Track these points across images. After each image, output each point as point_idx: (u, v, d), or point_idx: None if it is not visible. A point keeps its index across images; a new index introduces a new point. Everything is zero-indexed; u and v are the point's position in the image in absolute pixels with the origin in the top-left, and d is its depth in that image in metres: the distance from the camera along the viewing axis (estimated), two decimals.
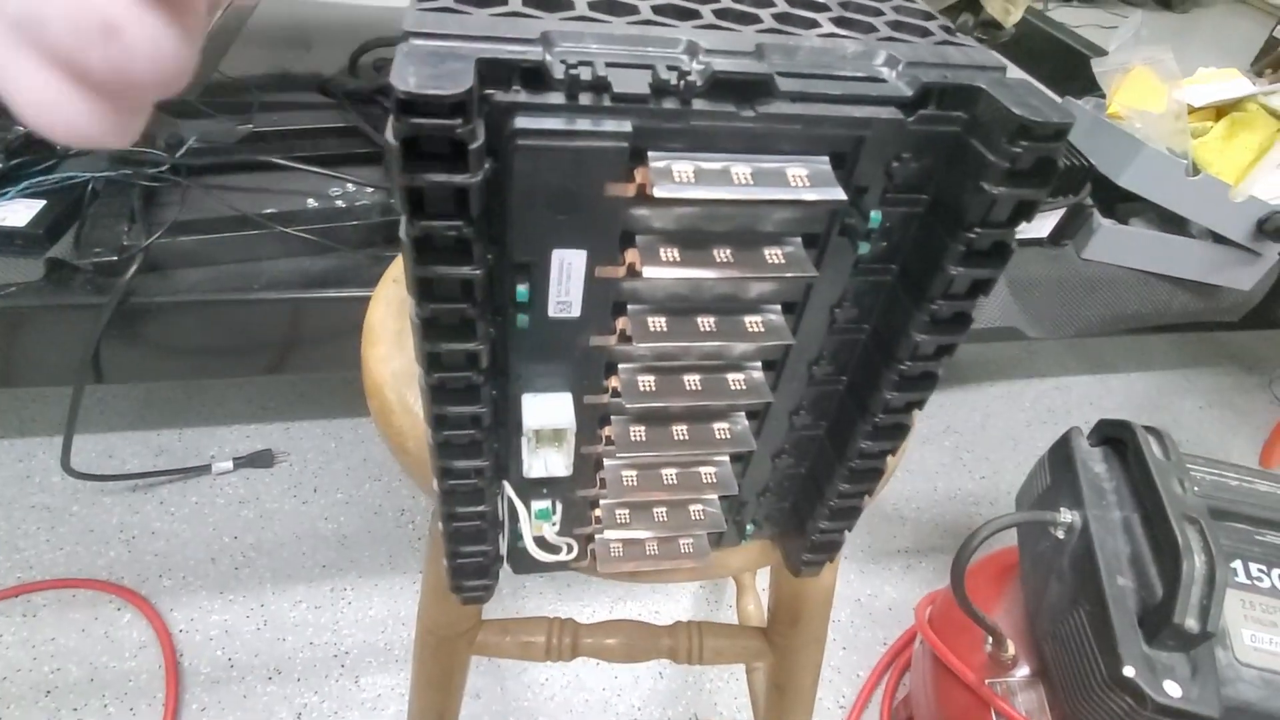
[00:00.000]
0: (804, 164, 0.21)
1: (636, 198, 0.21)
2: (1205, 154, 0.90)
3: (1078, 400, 1.24)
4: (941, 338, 0.25)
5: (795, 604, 0.50)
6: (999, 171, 0.21)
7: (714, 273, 0.23)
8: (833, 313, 0.26)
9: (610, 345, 0.25)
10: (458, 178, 0.19)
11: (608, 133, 0.20)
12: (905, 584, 1.00)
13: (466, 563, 0.31)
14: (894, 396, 0.27)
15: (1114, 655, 0.60)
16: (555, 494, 0.30)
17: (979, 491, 1.11)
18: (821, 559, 0.35)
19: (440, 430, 0.25)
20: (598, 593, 0.96)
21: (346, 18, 1.52)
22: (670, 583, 0.94)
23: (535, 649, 0.53)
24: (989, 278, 0.23)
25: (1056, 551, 0.69)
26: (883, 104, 0.21)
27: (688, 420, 0.29)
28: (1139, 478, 0.67)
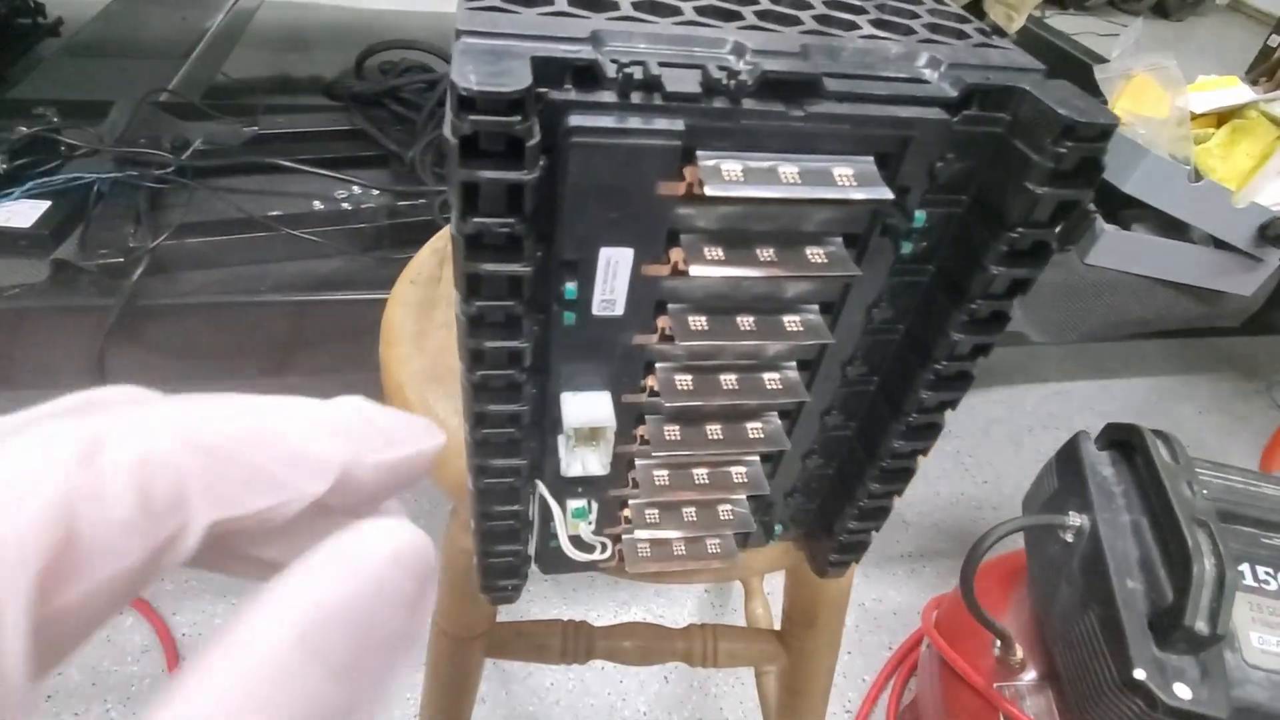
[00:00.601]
0: (849, 163, 0.22)
1: (684, 196, 0.22)
2: (1207, 160, 0.91)
3: (1079, 405, 1.25)
4: (979, 337, 0.25)
5: (812, 607, 0.50)
6: (1044, 171, 0.21)
7: (757, 271, 0.23)
8: (869, 313, 0.26)
9: (651, 344, 0.25)
10: (514, 174, 0.19)
11: (660, 131, 0.20)
12: (909, 588, 1.00)
13: (498, 562, 0.31)
14: (928, 396, 0.27)
15: (1125, 658, 0.60)
16: (589, 494, 0.30)
17: (982, 496, 1.11)
18: (848, 559, 0.35)
19: (479, 428, 0.25)
20: (603, 597, 0.96)
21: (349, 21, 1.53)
22: (694, 583, 0.94)
23: (550, 652, 0.53)
24: (1028, 277, 0.24)
25: (1066, 555, 0.69)
26: (927, 105, 0.22)
27: (722, 419, 0.29)
28: (1148, 481, 0.68)
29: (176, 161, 0.87)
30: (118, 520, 0.10)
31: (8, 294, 0.78)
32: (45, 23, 1.32)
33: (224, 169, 0.91)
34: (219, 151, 0.92)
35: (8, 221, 0.81)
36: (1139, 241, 0.95)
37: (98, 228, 0.81)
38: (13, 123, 0.91)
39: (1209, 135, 0.93)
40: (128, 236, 0.81)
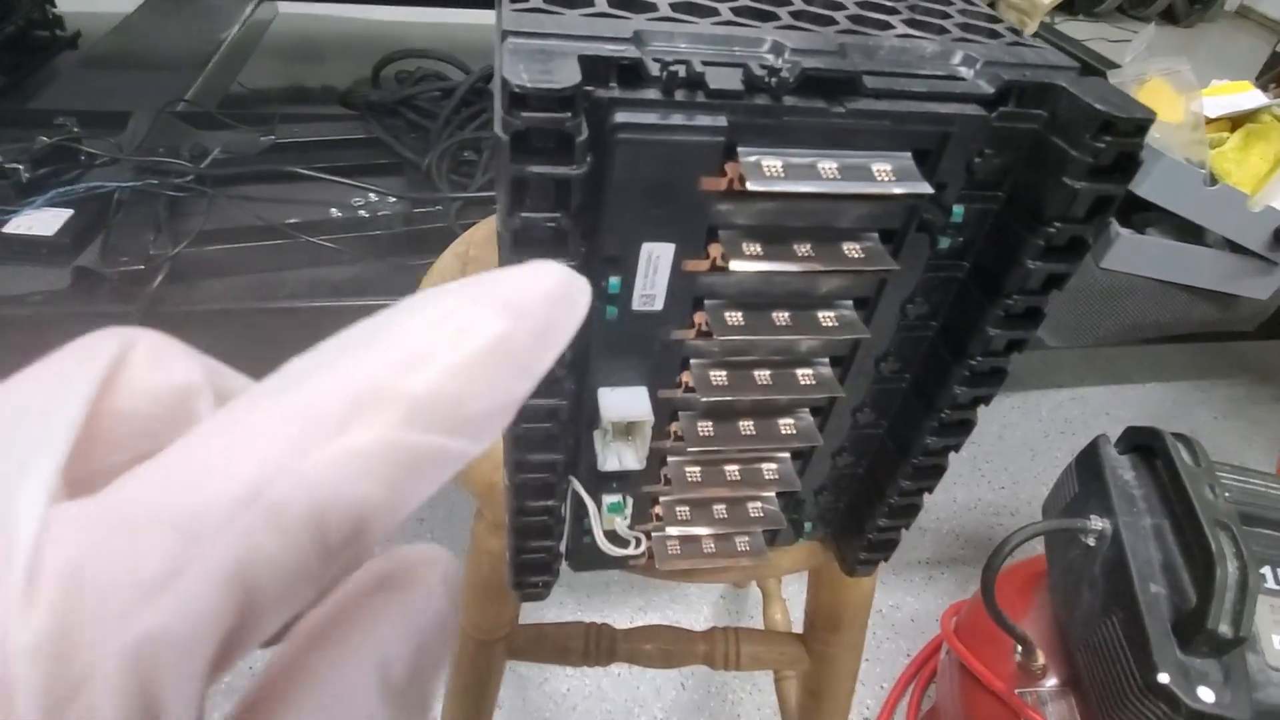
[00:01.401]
0: (888, 159, 0.22)
1: (724, 192, 0.22)
2: (1222, 164, 0.90)
3: (1094, 411, 1.24)
4: (1014, 332, 0.25)
5: (836, 610, 0.49)
6: (1081, 166, 0.21)
7: (795, 266, 0.23)
8: (904, 309, 0.26)
9: (688, 339, 0.25)
10: (563, 169, 0.19)
11: (705, 127, 0.20)
12: (927, 595, 1.00)
13: (530, 558, 0.31)
14: (962, 392, 0.27)
15: (1148, 662, 0.60)
16: (624, 489, 0.30)
17: (998, 502, 1.11)
18: (877, 558, 0.35)
19: (518, 423, 0.25)
20: (619, 603, 0.96)
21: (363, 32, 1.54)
22: (721, 582, 0.93)
23: (572, 654, 0.53)
24: (1065, 272, 0.24)
25: (1087, 559, 0.69)
26: (965, 101, 0.22)
27: (755, 416, 0.29)
28: (1169, 484, 0.67)
29: (195, 170, 0.89)
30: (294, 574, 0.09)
31: (30, 301, 0.79)
32: (63, 36, 1.34)
33: (242, 177, 0.92)
34: (237, 160, 0.94)
35: (30, 230, 0.82)
36: (1154, 245, 0.95)
37: (118, 235, 0.82)
38: (34, 133, 0.92)
39: (1223, 139, 0.93)
40: (148, 244, 0.82)
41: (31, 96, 1.20)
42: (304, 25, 1.60)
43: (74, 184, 0.89)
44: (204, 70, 1.28)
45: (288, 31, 1.57)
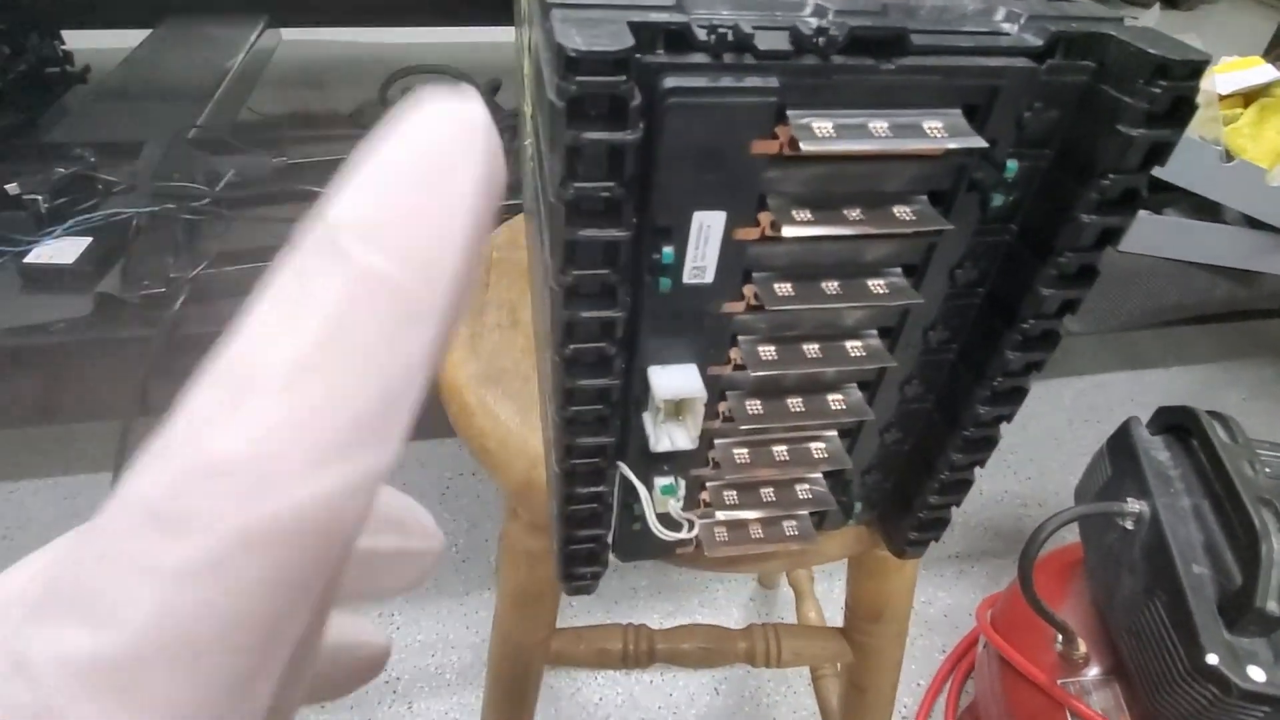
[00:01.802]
0: (939, 116, 0.22)
1: (775, 157, 0.22)
2: (1237, 140, 0.90)
3: (1118, 397, 1.23)
4: (1067, 292, 0.25)
5: (877, 599, 0.49)
6: (1137, 113, 0.21)
7: (847, 229, 0.23)
8: (953, 274, 0.26)
9: (738, 312, 0.25)
10: (618, 135, 0.19)
11: (755, 88, 0.20)
12: (959, 589, 0.98)
13: (579, 549, 0.31)
14: (1015, 357, 0.27)
15: (1195, 644, 0.58)
16: (675, 471, 0.29)
17: (1026, 493, 1.09)
18: (928, 538, 0.35)
19: (569, 405, 0.25)
20: (646, 609, 0.95)
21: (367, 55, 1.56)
22: (768, 570, 0.92)
23: (611, 656, 0.52)
24: (1119, 226, 0.23)
25: (1126, 543, 0.68)
26: (1013, 54, 0.22)
27: (803, 393, 0.28)
28: (1207, 463, 0.66)
29: (211, 193, 0.89)
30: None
31: (53, 329, 0.80)
32: (73, 71, 1.36)
33: (257, 198, 0.93)
34: (251, 182, 0.94)
35: (52, 259, 0.83)
36: (1172, 225, 0.94)
37: (138, 260, 0.83)
38: (51, 165, 0.94)
39: (1237, 115, 0.93)
40: (168, 267, 0.82)
41: (46, 131, 1.21)
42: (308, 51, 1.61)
43: (92, 212, 0.90)
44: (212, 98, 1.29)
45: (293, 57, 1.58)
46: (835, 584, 0.93)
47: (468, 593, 0.95)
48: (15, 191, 0.89)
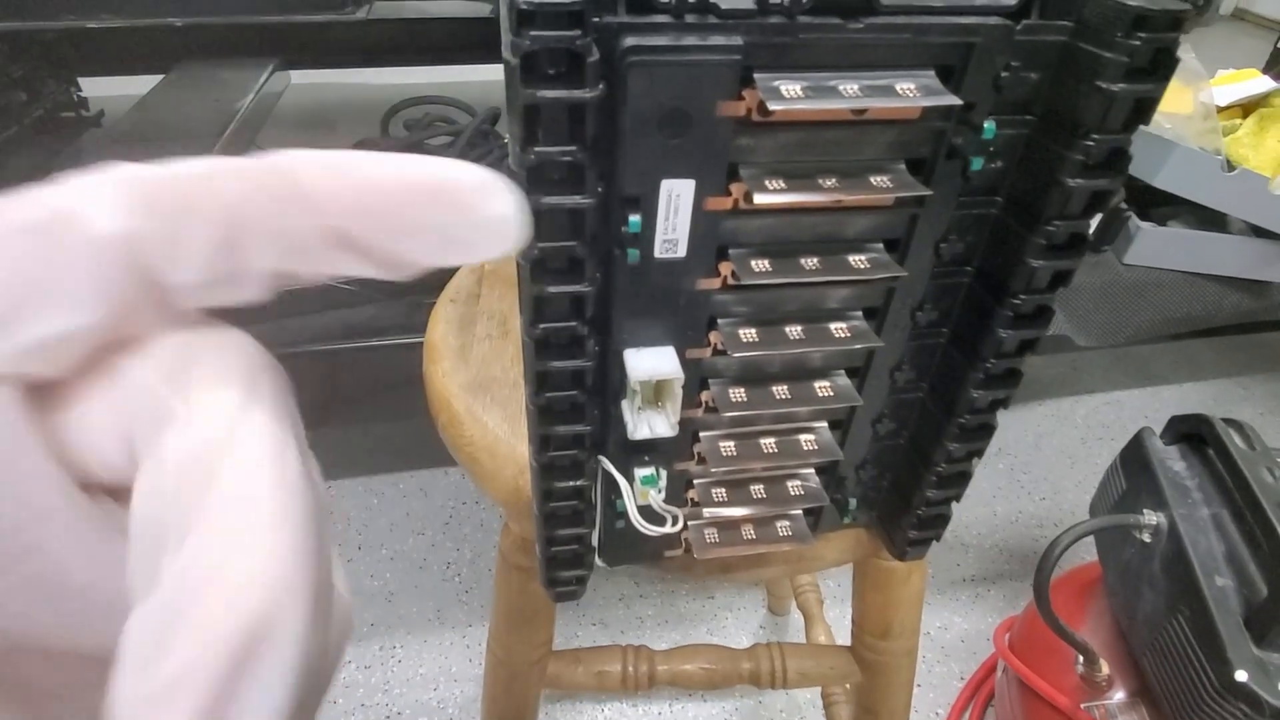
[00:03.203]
0: (911, 77, 0.21)
1: (743, 124, 0.21)
2: (1238, 150, 0.89)
3: (1131, 414, 1.21)
4: (1058, 263, 0.24)
5: (885, 613, 0.47)
6: (1118, 67, 0.20)
7: (821, 197, 0.22)
8: (938, 249, 0.25)
9: (714, 288, 0.24)
10: (576, 92, 0.18)
11: (719, 46, 0.19)
12: (975, 614, 0.95)
13: (561, 551, 0.30)
14: (1008, 335, 0.26)
15: (1223, 661, 0.56)
16: (657, 461, 0.28)
17: (1041, 513, 1.07)
18: (928, 537, 0.33)
19: (542, 392, 0.24)
20: (651, 636, 0.92)
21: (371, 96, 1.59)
22: (764, 577, 0.89)
23: (610, 679, 0.50)
24: (1107, 189, 0.23)
25: (1144, 557, 0.65)
26: (987, 13, 0.21)
27: (789, 379, 0.27)
28: (1225, 472, 0.64)
29: None
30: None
31: None
32: (89, 115, 1.39)
33: None
34: None
35: None
36: (1177, 237, 0.93)
37: None
38: None
39: (1236, 126, 0.92)
40: None
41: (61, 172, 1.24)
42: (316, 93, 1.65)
43: None
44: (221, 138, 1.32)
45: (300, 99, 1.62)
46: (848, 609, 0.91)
47: (470, 624, 0.93)
48: None
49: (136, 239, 0.10)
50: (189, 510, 0.09)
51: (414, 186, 0.10)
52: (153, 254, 0.10)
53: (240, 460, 0.10)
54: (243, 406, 0.10)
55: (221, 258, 0.10)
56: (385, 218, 0.10)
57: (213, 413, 0.10)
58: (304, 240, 0.10)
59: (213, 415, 0.10)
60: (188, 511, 0.09)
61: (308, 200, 0.10)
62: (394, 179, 0.10)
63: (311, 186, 0.10)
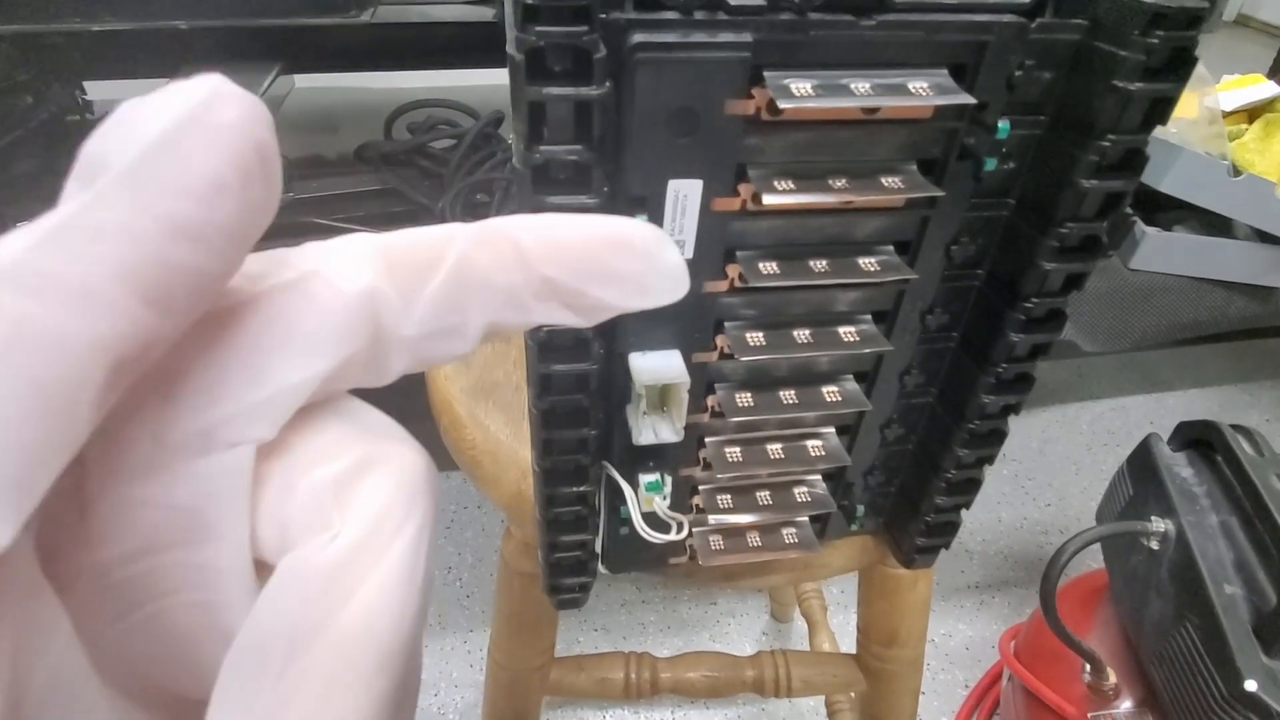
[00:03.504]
0: (923, 76, 0.21)
1: (752, 123, 0.21)
2: (1244, 155, 0.89)
3: (1137, 420, 1.20)
4: (1071, 266, 0.24)
5: (890, 620, 0.46)
6: (1134, 66, 0.20)
7: (830, 198, 0.22)
8: (949, 251, 0.25)
9: (721, 291, 0.24)
10: (583, 90, 0.18)
11: (727, 44, 0.19)
12: (980, 621, 0.95)
13: (564, 557, 0.29)
14: (1020, 339, 0.25)
15: (1232, 670, 0.55)
16: (662, 467, 0.28)
17: (1046, 519, 1.06)
18: (937, 545, 0.33)
19: (545, 395, 0.24)
20: (656, 644, 0.92)
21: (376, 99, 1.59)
22: (769, 585, 0.89)
23: (613, 686, 0.50)
24: (1123, 190, 0.22)
25: (1152, 564, 0.65)
26: (1001, 11, 0.21)
27: (796, 384, 0.27)
28: (1233, 478, 0.64)
29: None
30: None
31: None
32: (93, 119, 1.39)
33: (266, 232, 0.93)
34: None
35: None
36: (1182, 242, 0.93)
37: None
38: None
39: (1242, 131, 0.92)
40: None
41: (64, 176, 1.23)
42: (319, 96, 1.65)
43: None
44: None
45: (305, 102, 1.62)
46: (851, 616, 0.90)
47: (472, 629, 0.93)
48: None
49: (378, 296, 0.11)
50: (298, 635, 0.10)
51: (608, 239, 0.12)
52: (387, 310, 0.11)
53: (365, 604, 0.10)
54: (390, 538, 0.11)
55: (446, 313, 0.11)
56: (588, 267, 0.11)
57: (359, 537, 0.10)
58: (519, 293, 0.11)
59: (357, 540, 0.10)
60: (296, 636, 0.10)
61: (524, 256, 0.11)
62: (592, 233, 0.12)
63: (528, 243, 0.11)
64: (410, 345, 0.11)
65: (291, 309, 0.11)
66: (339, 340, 0.11)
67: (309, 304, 0.11)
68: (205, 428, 0.10)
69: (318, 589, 0.10)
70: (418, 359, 0.12)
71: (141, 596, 0.11)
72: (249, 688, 0.10)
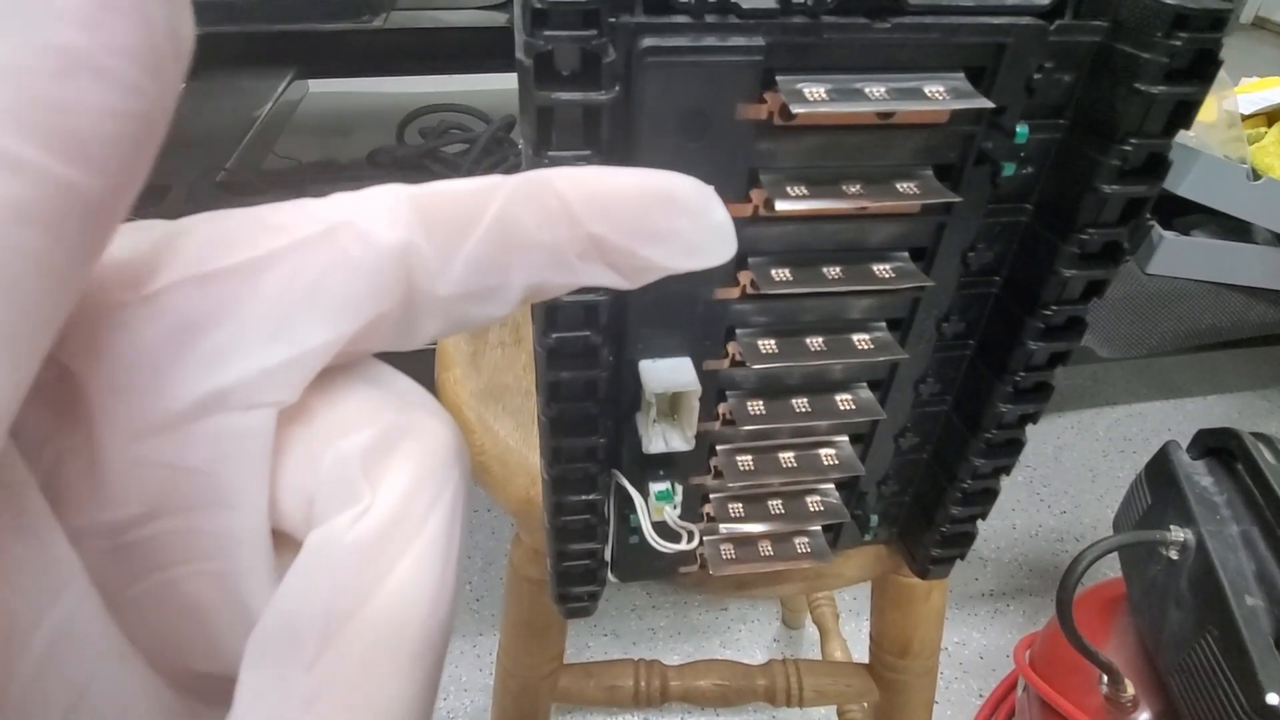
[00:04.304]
0: (940, 80, 0.20)
1: (764, 127, 0.20)
2: (1263, 159, 0.88)
3: (1154, 427, 1.19)
4: (1091, 272, 0.23)
5: (904, 630, 0.46)
6: (1156, 68, 0.19)
7: (844, 204, 0.21)
8: (965, 257, 0.24)
9: (733, 299, 0.23)
10: (591, 94, 0.18)
11: (740, 47, 0.19)
12: (995, 629, 0.93)
13: (573, 565, 0.29)
14: (1038, 348, 0.25)
15: (1253, 682, 0.54)
16: (672, 476, 0.27)
17: (1061, 527, 1.05)
18: (952, 555, 0.32)
19: (554, 403, 0.23)
20: (665, 650, 0.91)
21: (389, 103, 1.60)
22: (780, 594, 0.88)
23: (622, 693, 0.49)
24: (1145, 196, 0.22)
25: (1171, 574, 0.64)
26: (1019, 13, 0.20)
27: (809, 392, 0.27)
28: (1255, 487, 0.62)
29: None
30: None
31: None
32: None
33: None
34: None
35: None
36: (1200, 246, 0.91)
37: None
38: None
39: (1261, 135, 0.91)
40: None
41: None
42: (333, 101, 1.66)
43: None
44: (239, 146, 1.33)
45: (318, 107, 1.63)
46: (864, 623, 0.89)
47: (481, 633, 0.92)
48: None
49: (412, 251, 0.10)
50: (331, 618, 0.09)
51: (656, 193, 0.11)
52: (422, 267, 0.10)
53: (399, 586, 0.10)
54: (422, 516, 0.10)
55: (486, 272, 0.10)
56: (635, 223, 0.11)
57: (391, 514, 0.10)
58: (564, 252, 0.11)
59: (390, 518, 0.10)
60: (330, 619, 0.09)
61: (571, 212, 0.10)
62: (639, 187, 0.11)
63: (574, 198, 0.10)
64: (445, 306, 0.11)
65: (317, 263, 0.10)
66: (369, 299, 0.10)
67: (337, 258, 0.10)
68: (220, 388, 0.10)
69: (350, 570, 0.10)
70: (451, 321, 0.11)
71: (153, 563, 0.10)
72: (281, 675, 0.09)
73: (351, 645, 0.09)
